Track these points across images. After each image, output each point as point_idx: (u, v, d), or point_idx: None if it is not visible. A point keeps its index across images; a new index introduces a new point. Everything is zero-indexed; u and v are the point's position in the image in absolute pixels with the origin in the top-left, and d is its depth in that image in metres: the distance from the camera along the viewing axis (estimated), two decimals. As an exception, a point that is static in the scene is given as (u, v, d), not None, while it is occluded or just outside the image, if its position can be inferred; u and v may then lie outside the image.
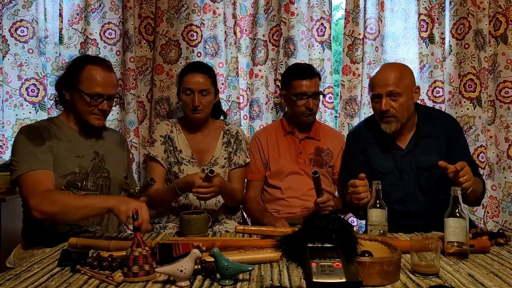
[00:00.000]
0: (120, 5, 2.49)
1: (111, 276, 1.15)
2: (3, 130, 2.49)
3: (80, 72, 1.70)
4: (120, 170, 1.84)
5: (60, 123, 1.75)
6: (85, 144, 1.76)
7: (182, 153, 2.09)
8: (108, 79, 1.73)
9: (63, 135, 1.71)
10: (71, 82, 1.71)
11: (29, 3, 2.48)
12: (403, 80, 1.82)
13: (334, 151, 2.19)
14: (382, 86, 1.80)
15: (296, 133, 2.20)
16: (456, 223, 1.32)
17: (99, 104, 1.70)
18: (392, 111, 1.80)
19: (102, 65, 1.74)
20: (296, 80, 2.10)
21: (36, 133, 1.65)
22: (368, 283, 1.08)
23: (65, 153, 1.67)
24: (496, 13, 2.52)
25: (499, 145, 2.52)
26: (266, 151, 2.18)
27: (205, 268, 1.17)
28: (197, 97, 2.02)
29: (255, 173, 2.18)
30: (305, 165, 2.15)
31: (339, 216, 0.99)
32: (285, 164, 2.15)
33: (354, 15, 2.54)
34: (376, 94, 1.83)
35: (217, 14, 2.53)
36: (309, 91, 2.09)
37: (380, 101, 1.81)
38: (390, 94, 1.80)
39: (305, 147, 2.18)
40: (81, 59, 1.80)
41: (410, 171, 1.86)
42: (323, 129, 2.26)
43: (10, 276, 1.19)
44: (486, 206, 2.49)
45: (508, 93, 2.50)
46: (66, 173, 1.66)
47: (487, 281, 1.13)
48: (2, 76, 2.46)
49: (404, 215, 1.84)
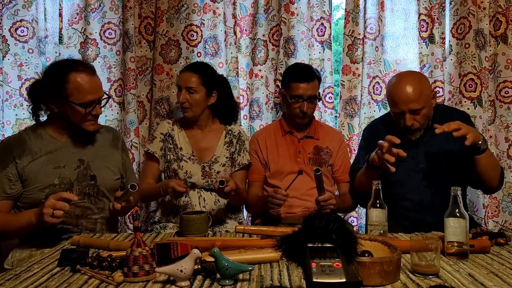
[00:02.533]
0: (120, 5, 2.49)
1: (111, 276, 1.15)
2: (3, 130, 2.49)
3: (66, 83, 1.63)
4: (109, 175, 1.80)
5: (43, 133, 1.72)
6: (69, 152, 1.72)
7: (183, 150, 2.10)
8: (94, 83, 1.70)
9: (43, 148, 1.69)
10: (58, 96, 1.65)
11: (29, 3, 2.48)
12: (423, 94, 1.82)
13: (333, 149, 2.20)
14: (404, 104, 1.81)
15: (294, 133, 2.20)
16: (456, 223, 1.32)
17: (93, 110, 1.69)
18: (416, 125, 1.84)
19: (85, 70, 1.68)
20: (294, 82, 2.10)
21: (4, 154, 1.66)
22: (368, 283, 1.08)
23: (41, 167, 1.66)
24: (496, 13, 2.52)
25: (499, 145, 2.52)
26: (265, 152, 2.18)
27: (205, 268, 1.17)
28: (183, 94, 2.05)
29: (254, 174, 2.19)
30: (304, 165, 2.15)
31: (339, 216, 0.99)
32: (284, 164, 2.15)
33: (354, 15, 2.53)
34: (399, 111, 1.85)
35: (217, 14, 2.53)
36: (305, 94, 2.08)
37: (404, 117, 1.84)
38: (412, 111, 1.82)
39: (304, 147, 2.18)
40: (61, 67, 1.70)
41: (426, 161, 1.90)
42: (322, 128, 2.27)
43: (10, 276, 1.19)
44: (486, 206, 2.49)
45: (508, 93, 2.50)
46: (43, 187, 1.65)
47: (487, 281, 1.13)
48: (2, 76, 2.45)
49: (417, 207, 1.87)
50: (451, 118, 1.87)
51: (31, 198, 1.66)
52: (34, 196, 1.65)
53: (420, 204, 1.87)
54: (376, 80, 2.57)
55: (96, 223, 1.76)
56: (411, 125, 1.83)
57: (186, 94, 2.05)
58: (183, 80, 2.08)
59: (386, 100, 2.55)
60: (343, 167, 2.20)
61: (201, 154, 2.11)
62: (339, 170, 2.20)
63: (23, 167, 1.64)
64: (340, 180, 2.21)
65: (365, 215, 2.00)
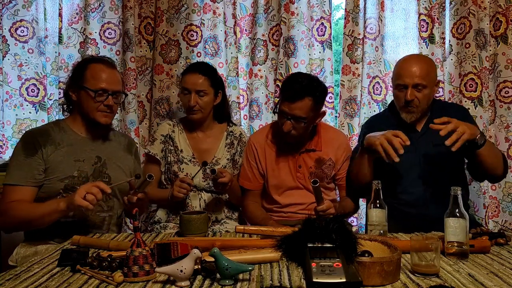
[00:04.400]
0: (120, 5, 2.49)
1: (111, 276, 1.15)
2: (3, 130, 2.49)
3: (85, 71, 1.75)
4: (121, 176, 1.82)
5: (66, 127, 1.79)
6: (88, 148, 1.77)
7: (183, 153, 2.09)
8: (111, 75, 1.77)
9: (65, 139, 1.74)
10: (76, 82, 1.75)
11: (29, 3, 2.48)
12: (430, 74, 1.88)
13: (337, 159, 2.05)
14: (410, 77, 1.85)
15: (294, 145, 2.02)
16: (456, 223, 1.32)
17: (105, 99, 1.73)
18: (416, 102, 1.87)
19: (105, 62, 1.79)
20: (282, 96, 1.94)
21: (30, 142, 1.69)
22: (368, 283, 1.08)
23: (63, 158, 1.70)
24: (496, 13, 2.52)
25: (499, 145, 2.52)
26: (264, 162, 2.06)
27: (205, 268, 1.17)
28: (193, 97, 2.01)
29: (253, 182, 2.07)
30: (304, 180, 2.03)
31: (339, 216, 0.99)
32: (284, 178, 2.04)
33: (354, 15, 2.53)
34: (403, 84, 1.87)
35: (217, 14, 2.53)
36: (288, 113, 1.88)
37: (406, 91, 1.87)
38: (416, 86, 1.85)
39: (305, 160, 2.04)
40: (85, 59, 1.86)
41: (426, 151, 1.91)
42: (326, 135, 2.07)
43: (10, 276, 1.19)
44: (487, 206, 2.49)
45: (508, 93, 2.50)
46: (64, 177, 1.68)
47: (487, 281, 1.13)
48: (2, 76, 2.46)
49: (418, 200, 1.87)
50: (450, 112, 1.88)
51: (50, 187, 1.68)
52: (53, 185, 1.67)
53: (421, 197, 1.87)
54: (376, 80, 2.57)
55: (103, 220, 1.78)
56: (411, 100, 1.85)
57: (196, 97, 2.02)
58: (191, 83, 2.02)
59: (386, 100, 2.57)
60: None
61: (202, 156, 2.10)
62: (343, 178, 2.07)
63: (48, 155, 1.68)
64: (343, 188, 2.09)
65: (365, 215, 1.99)
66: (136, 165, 1.95)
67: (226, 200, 2.12)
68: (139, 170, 1.96)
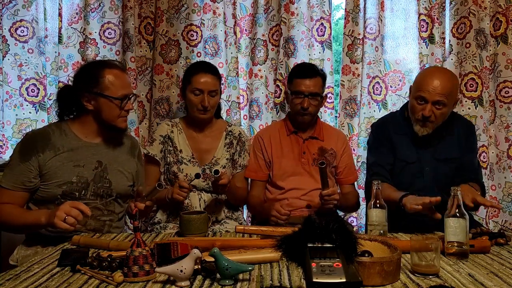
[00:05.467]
0: (120, 5, 2.49)
1: (111, 276, 1.15)
2: (3, 130, 2.49)
3: (101, 78, 1.69)
4: (123, 180, 1.81)
5: (68, 130, 1.75)
6: (89, 153, 1.75)
7: (182, 153, 2.09)
8: (126, 79, 1.78)
9: (66, 144, 1.71)
10: (91, 90, 1.69)
11: (29, 3, 2.48)
12: (452, 93, 1.84)
13: (338, 151, 2.17)
14: (432, 93, 1.81)
15: (299, 133, 2.17)
16: (456, 223, 1.32)
17: (126, 105, 1.73)
18: (432, 118, 1.84)
19: (118, 67, 1.76)
20: (296, 78, 2.10)
21: (28, 146, 1.68)
22: (368, 283, 1.08)
23: (62, 163, 1.68)
24: (496, 13, 2.52)
25: (499, 145, 2.52)
26: (270, 151, 2.16)
27: (205, 268, 1.17)
28: (207, 97, 2.02)
29: (258, 173, 2.16)
30: (308, 165, 2.13)
31: (339, 216, 0.99)
32: (288, 164, 2.13)
33: (354, 15, 2.53)
34: (423, 97, 1.84)
35: (217, 14, 2.53)
36: (306, 90, 2.06)
37: (425, 105, 1.83)
38: (437, 103, 1.82)
39: (308, 147, 2.16)
40: (95, 65, 1.78)
41: (430, 164, 1.91)
42: (326, 129, 2.24)
43: (10, 276, 1.19)
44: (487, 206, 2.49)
45: (508, 93, 2.49)
46: (62, 183, 1.67)
47: (487, 281, 1.13)
48: (2, 76, 2.46)
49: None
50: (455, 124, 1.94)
51: (47, 192, 1.67)
52: (51, 191, 1.66)
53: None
54: (376, 80, 2.57)
55: (104, 224, 1.76)
56: (428, 116, 1.83)
57: (209, 97, 2.03)
58: (204, 83, 2.03)
59: (386, 100, 2.57)
60: (347, 169, 2.19)
61: (201, 156, 2.10)
62: (343, 172, 2.18)
63: (45, 161, 1.66)
64: (343, 182, 2.20)
65: (365, 215, 1.99)
66: (139, 168, 1.91)
67: (226, 200, 2.12)
68: (142, 173, 1.95)
